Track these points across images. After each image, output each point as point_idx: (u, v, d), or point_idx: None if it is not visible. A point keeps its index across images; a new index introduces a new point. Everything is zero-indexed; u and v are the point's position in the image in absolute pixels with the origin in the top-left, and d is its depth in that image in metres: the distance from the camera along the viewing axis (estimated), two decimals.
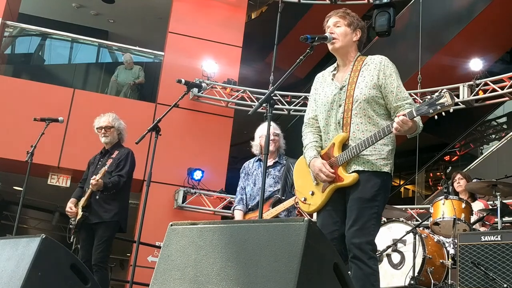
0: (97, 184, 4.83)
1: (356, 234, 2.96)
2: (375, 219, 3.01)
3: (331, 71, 3.29)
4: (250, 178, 4.78)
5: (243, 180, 4.82)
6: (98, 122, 5.23)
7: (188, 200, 9.55)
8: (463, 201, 5.42)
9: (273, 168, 4.69)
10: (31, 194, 11.64)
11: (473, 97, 8.93)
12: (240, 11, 11.03)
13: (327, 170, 3.09)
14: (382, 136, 2.99)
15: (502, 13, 10.01)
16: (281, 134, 4.81)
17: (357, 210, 2.99)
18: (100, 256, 4.81)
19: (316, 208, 3.19)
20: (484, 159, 9.94)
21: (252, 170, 4.79)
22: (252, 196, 4.72)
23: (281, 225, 2.14)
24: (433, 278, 5.03)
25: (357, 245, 2.95)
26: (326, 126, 3.21)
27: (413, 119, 2.90)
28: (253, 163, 4.84)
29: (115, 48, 11.85)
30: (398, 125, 2.89)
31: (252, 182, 4.74)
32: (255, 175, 4.75)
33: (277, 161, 4.71)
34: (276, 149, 4.73)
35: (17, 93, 9.52)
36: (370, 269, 2.92)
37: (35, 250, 2.87)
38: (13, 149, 8.52)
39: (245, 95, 10.12)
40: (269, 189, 4.63)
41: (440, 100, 2.81)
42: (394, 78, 3.10)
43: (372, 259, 2.96)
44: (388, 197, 3.15)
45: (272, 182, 4.65)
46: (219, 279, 2.12)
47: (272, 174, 4.66)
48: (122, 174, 4.99)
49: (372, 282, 2.92)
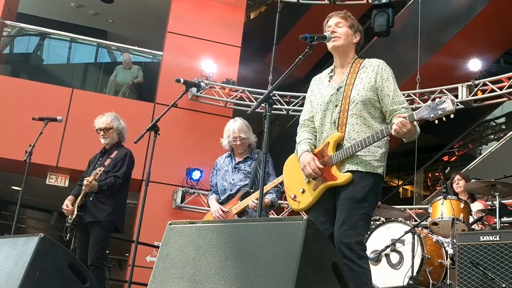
0: (89, 185, 4.81)
1: (345, 234, 2.97)
2: (364, 219, 3.02)
3: (328, 73, 3.32)
4: (220, 173, 4.74)
5: (214, 177, 4.80)
6: (97, 123, 5.21)
7: (187, 200, 9.55)
8: (461, 201, 5.42)
9: (243, 163, 4.65)
10: (30, 194, 11.63)
11: (472, 98, 8.94)
12: (239, 11, 11.04)
13: (315, 164, 3.10)
14: (380, 137, 3.01)
15: (501, 13, 10.02)
16: (250, 130, 4.71)
17: (347, 210, 3.00)
18: (96, 256, 4.79)
19: (305, 206, 3.20)
20: (483, 160, 9.94)
21: (223, 165, 4.75)
22: (222, 190, 4.67)
23: (280, 224, 2.14)
24: (432, 278, 5.03)
25: (346, 245, 2.96)
26: (321, 126, 3.22)
27: (412, 123, 2.92)
28: (224, 159, 4.79)
29: (114, 48, 11.85)
30: (398, 126, 2.90)
31: (221, 177, 4.71)
32: (225, 170, 4.71)
33: (248, 156, 4.67)
34: (245, 148, 4.68)
35: (16, 92, 9.52)
36: (361, 268, 2.94)
37: (34, 249, 2.86)
38: (12, 149, 8.51)
39: (244, 95, 10.13)
40: (239, 183, 4.58)
41: (441, 105, 2.83)
42: (391, 82, 3.13)
43: (362, 258, 2.97)
44: (379, 199, 3.18)
45: (242, 176, 4.60)
46: (218, 278, 2.12)
47: (242, 169, 4.63)
48: (118, 175, 4.97)
49: (365, 281, 2.94)
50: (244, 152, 4.69)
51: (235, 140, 4.63)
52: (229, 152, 4.77)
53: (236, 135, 4.62)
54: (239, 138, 4.61)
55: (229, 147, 4.73)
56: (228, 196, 4.60)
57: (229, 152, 4.77)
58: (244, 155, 4.69)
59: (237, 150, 4.69)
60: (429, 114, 2.86)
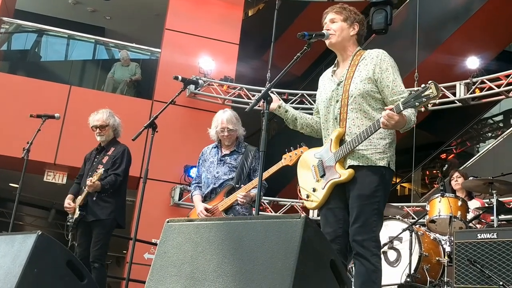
0: (93, 186, 4.81)
1: (358, 231, 2.96)
2: (376, 215, 2.99)
3: (332, 68, 3.30)
4: (205, 164, 4.62)
5: (200, 167, 4.68)
6: (92, 121, 5.18)
7: (185, 197, 9.54)
8: (459, 199, 5.43)
9: (229, 156, 4.54)
10: (27, 191, 11.60)
11: (470, 95, 8.95)
12: (237, 8, 11.02)
13: None
14: (373, 130, 2.96)
15: (499, 11, 10.02)
16: (239, 122, 4.60)
17: (358, 208, 2.98)
18: (98, 253, 4.81)
19: (318, 205, 3.18)
20: (480, 157, 9.94)
21: (209, 156, 4.63)
22: (206, 183, 4.55)
23: (278, 221, 2.13)
24: (429, 275, 5.03)
25: (359, 243, 2.95)
26: (325, 123, 3.23)
27: (401, 114, 2.85)
28: (211, 149, 4.68)
29: (112, 45, 11.82)
30: (385, 119, 2.85)
31: (206, 168, 4.59)
32: (210, 162, 4.59)
33: (235, 149, 4.56)
34: (232, 141, 4.57)
35: (13, 89, 9.49)
36: (372, 266, 2.92)
37: (31, 247, 2.86)
38: (9, 146, 8.50)
39: (242, 92, 10.12)
40: (223, 177, 4.47)
41: (425, 92, 2.76)
42: (390, 72, 3.07)
43: (375, 256, 2.95)
44: (389, 191, 3.12)
45: (227, 170, 4.49)
46: (216, 276, 2.12)
47: (227, 162, 4.51)
48: (118, 173, 4.96)
49: (373, 279, 2.92)
50: (231, 145, 4.59)
51: (223, 131, 4.53)
52: (216, 143, 4.67)
53: (224, 125, 4.53)
54: (227, 129, 4.53)
55: (217, 138, 4.63)
56: (212, 190, 4.50)
57: (216, 143, 4.67)
58: (231, 148, 4.59)
59: (224, 141, 4.59)
60: (414, 102, 2.79)
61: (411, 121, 2.95)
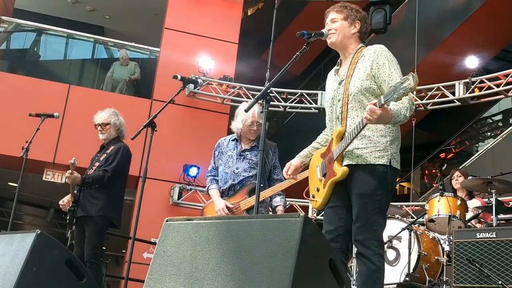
0: (70, 177, 4.76)
1: (359, 230, 2.95)
2: (377, 214, 2.95)
3: (336, 67, 3.28)
4: (223, 157, 4.41)
5: (216, 159, 4.46)
6: (96, 119, 5.20)
7: (184, 196, 9.55)
8: (458, 198, 5.43)
9: (250, 151, 4.33)
10: (26, 190, 11.60)
11: (469, 95, 8.95)
12: (236, 8, 11.02)
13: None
14: (361, 127, 2.90)
15: (498, 11, 10.02)
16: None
17: (359, 207, 2.96)
18: (91, 252, 4.75)
19: (321, 204, 3.16)
20: (480, 157, 9.95)
21: (227, 149, 4.42)
22: (224, 178, 4.35)
23: (277, 220, 2.14)
24: (428, 274, 5.03)
25: (361, 242, 2.93)
26: (329, 122, 3.22)
27: (384, 108, 2.77)
28: (228, 141, 4.46)
29: (111, 44, 11.82)
30: (367, 113, 2.78)
31: (224, 162, 4.38)
32: (228, 155, 4.38)
33: (256, 145, 4.31)
34: (257, 136, 4.36)
35: (13, 88, 9.49)
36: (374, 265, 2.90)
37: (30, 246, 2.86)
38: (8, 145, 8.50)
39: (241, 91, 10.12)
40: (243, 174, 4.28)
41: (404, 84, 2.70)
42: (387, 67, 3.02)
43: (378, 255, 2.93)
44: (392, 189, 3.07)
45: (247, 166, 4.29)
46: (215, 275, 2.12)
47: (248, 158, 4.31)
48: (107, 169, 4.92)
49: (375, 279, 2.90)
50: (253, 140, 4.37)
51: (252, 125, 4.30)
52: (236, 136, 4.43)
53: (255, 119, 4.29)
54: (257, 123, 4.29)
55: (239, 132, 4.40)
56: (230, 187, 4.32)
57: (236, 136, 4.43)
58: (252, 143, 4.38)
59: (249, 136, 4.36)
60: (392, 94, 2.73)
61: (399, 115, 2.85)
